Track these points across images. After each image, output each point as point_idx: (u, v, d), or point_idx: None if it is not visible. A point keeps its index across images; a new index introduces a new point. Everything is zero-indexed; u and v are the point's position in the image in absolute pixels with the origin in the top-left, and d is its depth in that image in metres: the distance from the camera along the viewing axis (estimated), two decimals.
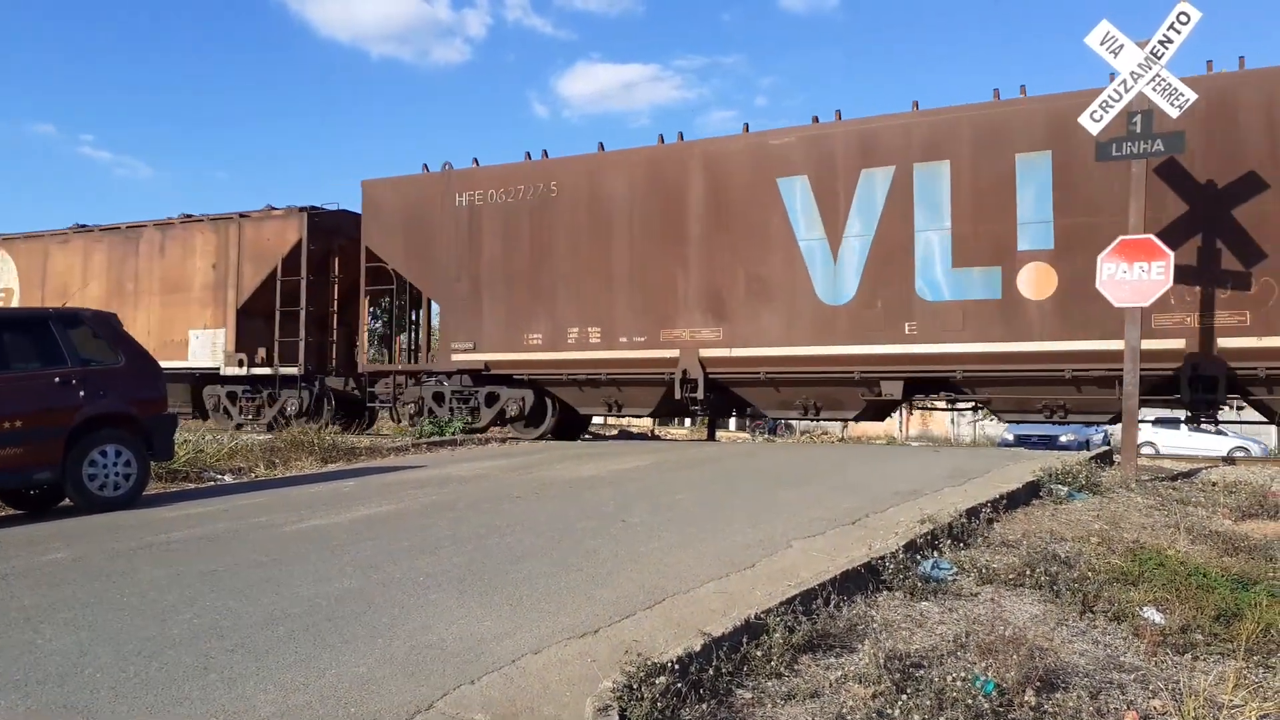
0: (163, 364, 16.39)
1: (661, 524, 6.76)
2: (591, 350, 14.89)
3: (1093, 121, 9.81)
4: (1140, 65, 9.42)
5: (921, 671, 3.84)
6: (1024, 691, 3.69)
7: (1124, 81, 9.54)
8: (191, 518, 7.63)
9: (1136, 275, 9.30)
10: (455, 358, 16.02)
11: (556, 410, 16.05)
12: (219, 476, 10.82)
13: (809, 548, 5.80)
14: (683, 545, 5.98)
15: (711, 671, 3.63)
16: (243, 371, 17.77)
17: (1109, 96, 9.65)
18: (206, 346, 18.11)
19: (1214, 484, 9.37)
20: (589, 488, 8.88)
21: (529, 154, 15.80)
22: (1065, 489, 8.18)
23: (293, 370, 17.54)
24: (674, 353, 14.33)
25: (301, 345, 17.49)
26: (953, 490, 7.96)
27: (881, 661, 3.75)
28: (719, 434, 23.00)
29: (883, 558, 5.23)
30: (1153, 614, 4.86)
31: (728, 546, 5.89)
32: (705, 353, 14.15)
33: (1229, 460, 12.89)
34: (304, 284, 17.41)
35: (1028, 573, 5.32)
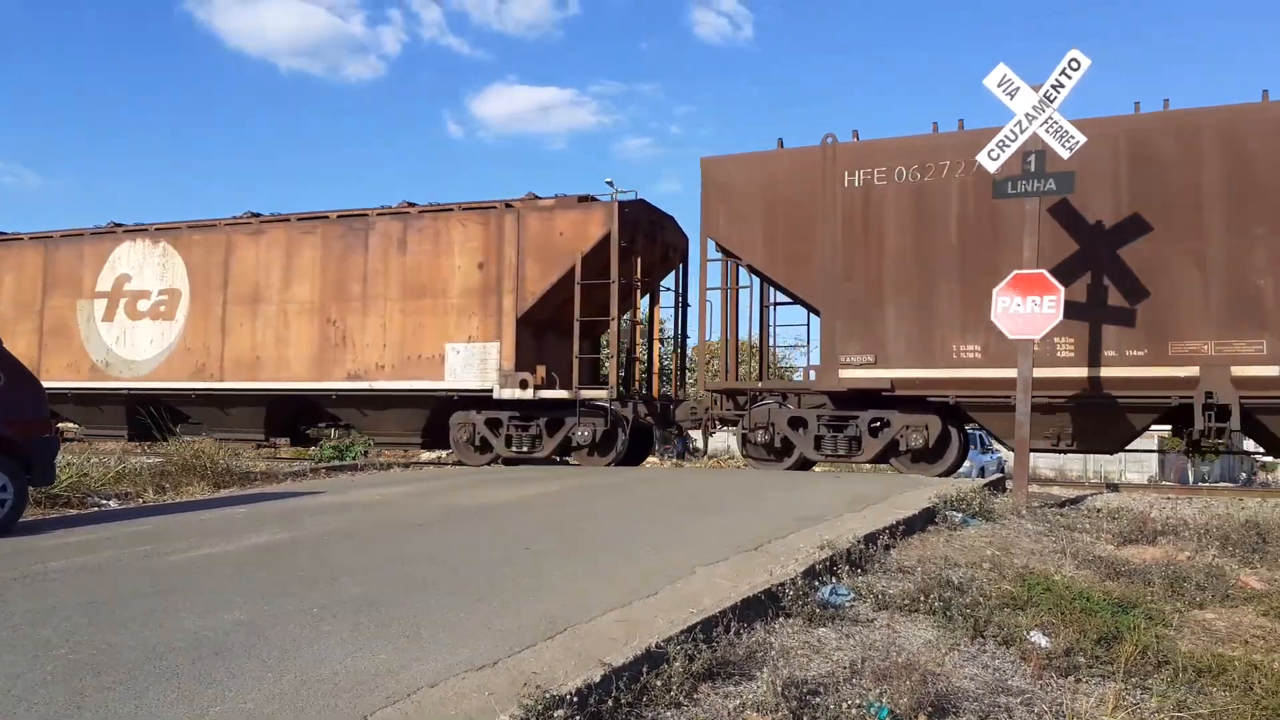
0: (404, 384, 15.32)
1: (567, 552, 6.72)
2: (1060, 367, 11.96)
3: (990, 160, 10.21)
4: (1035, 108, 9.85)
5: (818, 699, 3.89)
6: (916, 717, 3.76)
7: (1019, 123, 9.96)
8: (72, 546, 7.28)
9: (1029, 309, 9.67)
10: (845, 374, 13.20)
11: (963, 443, 13.52)
12: (104, 502, 10.36)
13: (712, 574, 5.83)
14: (587, 573, 5.95)
15: (611, 703, 3.61)
16: (526, 394, 14.67)
17: (1005, 136, 10.07)
18: (473, 363, 15.05)
19: (1099, 510, 9.76)
20: (495, 515, 8.78)
21: (936, 124, 13.05)
22: (960, 515, 8.42)
23: (564, 394, 14.64)
24: (1189, 371, 11.57)
25: (614, 363, 14.87)
26: (853, 516, 8.11)
27: (779, 689, 3.78)
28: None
29: (783, 584, 5.29)
30: (1039, 638, 5.02)
31: (632, 574, 5.89)
32: (1240, 371, 11.45)
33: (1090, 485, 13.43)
34: (615, 288, 14.58)
35: (922, 598, 5.45)
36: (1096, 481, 13.61)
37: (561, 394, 14.59)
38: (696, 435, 28.52)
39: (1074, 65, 9.70)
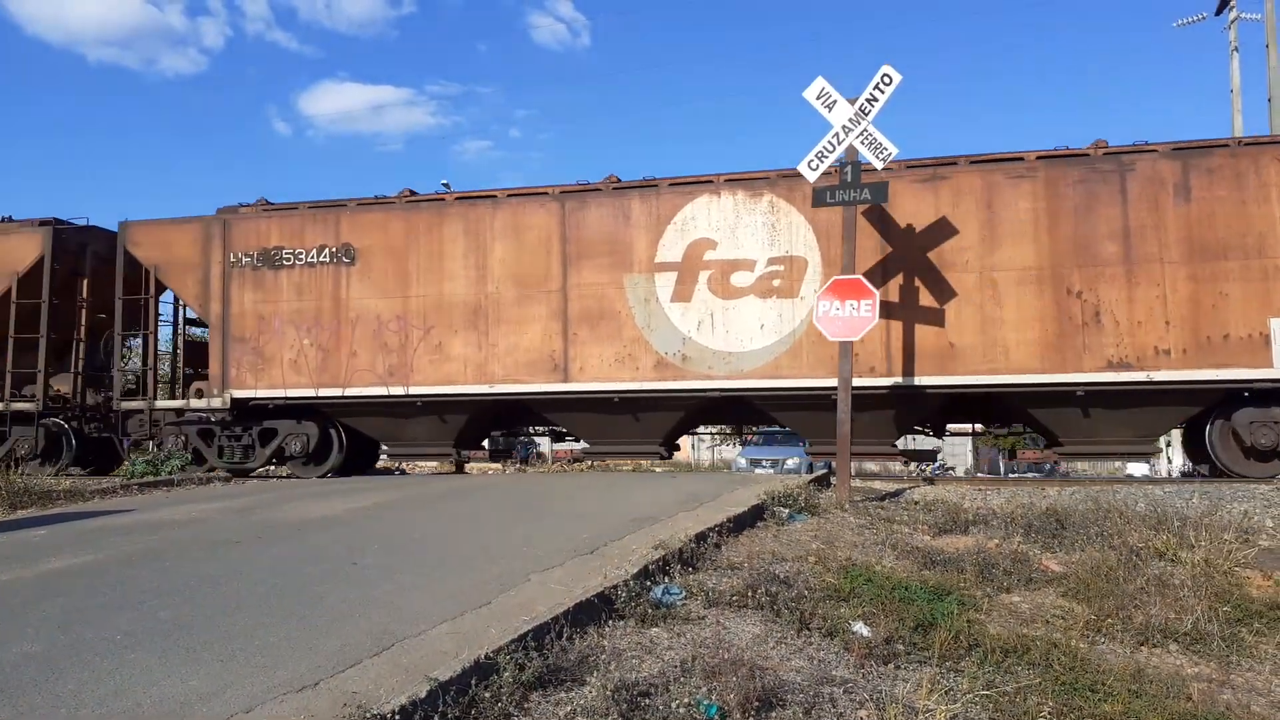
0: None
1: (396, 565, 6.52)
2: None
3: (809, 170, 10.59)
4: (851, 120, 10.27)
5: (649, 700, 3.91)
6: (744, 712, 3.83)
7: (836, 135, 10.37)
8: None
9: (848, 312, 10.08)
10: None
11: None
12: None
13: (546, 580, 5.79)
14: (417, 586, 5.79)
15: (438, 718, 3.51)
16: None
17: (824, 147, 10.46)
18: None
19: (916, 503, 10.26)
20: (320, 529, 8.44)
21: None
22: (787, 511, 8.68)
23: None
24: None
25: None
26: (686, 515, 8.23)
27: (609, 693, 3.78)
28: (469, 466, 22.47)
29: (615, 586, 5.30)
30: (861, 628, 5.22)
31: (465, 584, 5.77)
32: None
33: (928, 481, 14.17)
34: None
35: (750, 594, 5.58)
36: (917, 475, 14.31)
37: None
38: (541, 442, 28.41)
39: (886, 80, 10.18)
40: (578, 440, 15.29)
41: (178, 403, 15.29)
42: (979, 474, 32.65)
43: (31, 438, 15.64)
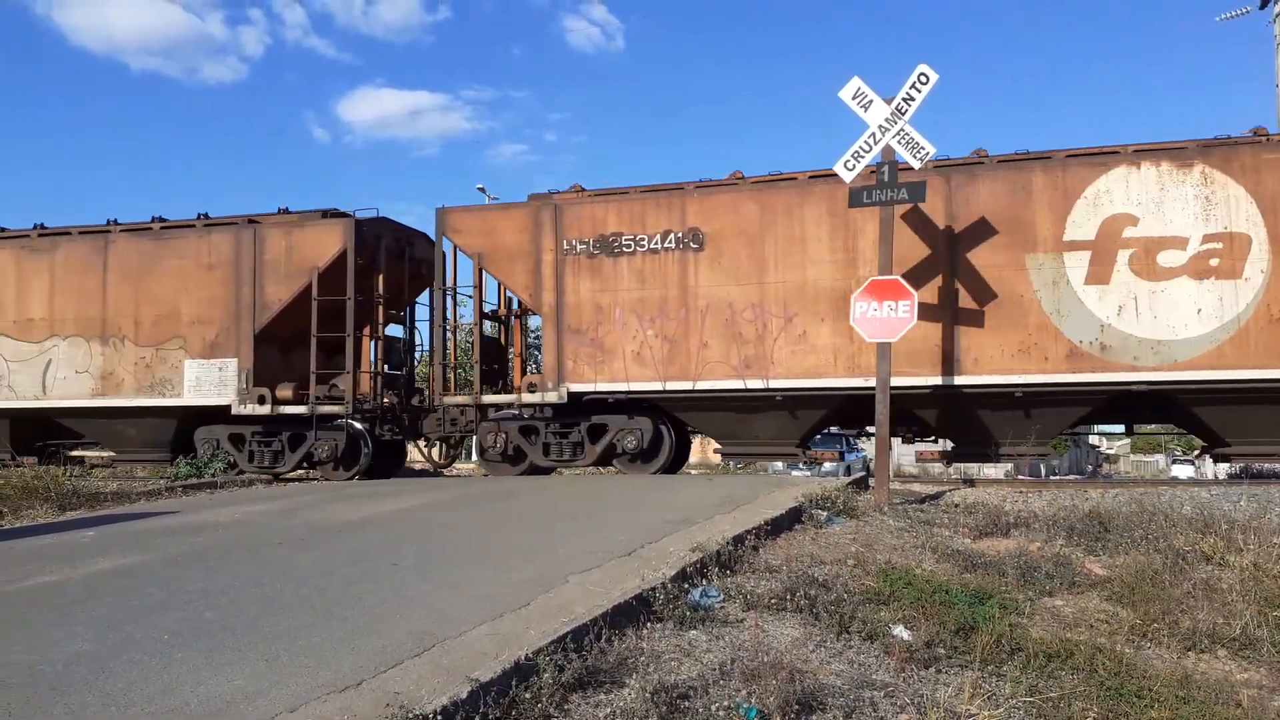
0: None
1: (434, 566, 6.58)
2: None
3: (845, 170, 10.53)
4: (887, 120, 10.20)
5: (688, 702, 3.91)
6: (784, 715, 3.82)
7: (873, 134, 10.30)
8: None
9: (885, 313, 10.01)
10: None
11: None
12: None
13: (584, 581, 5.80)
14: (456, 587, 5.83)
15: (479, 719, 3.54)
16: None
17: (860, 147, 10.39)
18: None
19: (956, 505, 10.17)
20: (359, 531, 8.53)
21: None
22: (825, 514, 8.63)
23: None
24: None
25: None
26: (723, 518, 8.22)
27: (649, 695, 3.78)
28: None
29: (653, 589, 5.30)
30: (901, 631, 5.19)
31: (503, 586, 5.80)
32: None
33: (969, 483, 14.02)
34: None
35: (789, 597, 5.56)
36: (956, 477, 14.18)
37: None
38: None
39: (923, 79, 10.10)
40: (938, 441, 14.19)
41: (507, 397, 14.45)
42: (1019, 476, 32.24)
43: (333, 440, 14.80)
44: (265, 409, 14.72)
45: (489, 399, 14.56)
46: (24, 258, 15.96)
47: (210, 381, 15.00)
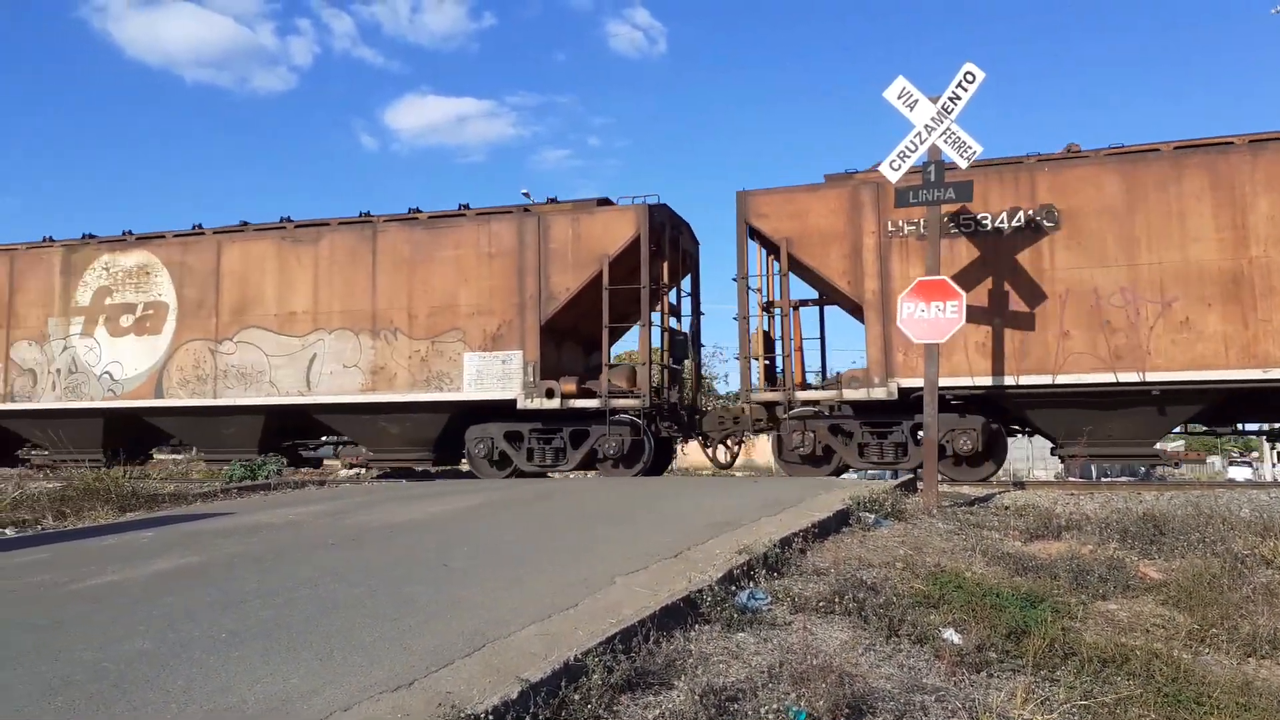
0: None
1: (484, 567, 6.64)
2: None
3: (891, 170, 10.45)
4: (933, 119, 10.11)
5: (737, 705, 3.91)
6: (834, 719, 3.81)
7: (919, 134, 10.22)
8: None
9: (934, 314, 9.92)
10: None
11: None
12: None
13: (631, 583, 5.83)
14: (505, 588, 5.89)
15: (529, 719, 3.57)
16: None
17: (906, 147, 10.31)
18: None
19: (1006, 508, 10.04)
20: (409, 532, 8.64)
21: None
22: (873, 516, 8.57)
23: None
24: None
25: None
26: (769, 520, 8.19)
27: (697, 697, 3.79)
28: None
29: (701, 591, 5.31)
30: (952, 635, 5.14)
31: (551, 587, 5.84)
32: None
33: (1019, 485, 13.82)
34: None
35: (837, 600, 5.53)
36: (1005, 479, 14.02)
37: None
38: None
39: (969, 78, 10.00)
40: None
41: (827, 394, 13.44)
42: (1068, 478, 31.70)
43: (619, 436, 14.16)
44: (554, 403, 14.21)
45: (805, 395, 13.58)
46: (285, 249, 15.46)
47: (492, 375, 14.50)
